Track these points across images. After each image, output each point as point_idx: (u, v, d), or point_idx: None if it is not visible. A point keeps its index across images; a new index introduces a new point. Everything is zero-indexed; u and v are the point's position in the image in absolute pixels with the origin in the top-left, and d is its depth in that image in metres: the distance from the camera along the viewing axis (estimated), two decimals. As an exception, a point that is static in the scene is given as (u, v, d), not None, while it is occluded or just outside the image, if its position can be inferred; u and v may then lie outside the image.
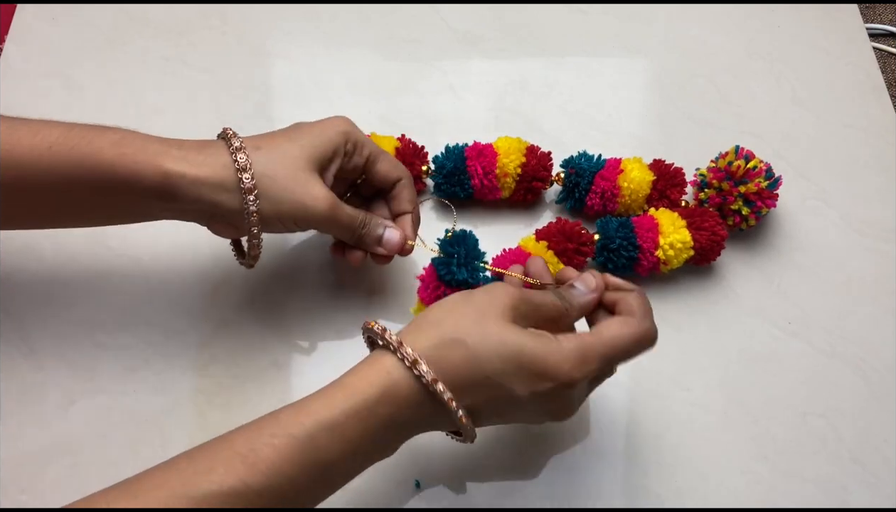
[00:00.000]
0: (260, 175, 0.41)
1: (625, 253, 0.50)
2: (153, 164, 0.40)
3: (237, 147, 0.41)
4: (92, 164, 0.39)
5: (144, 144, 0.40)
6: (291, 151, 0.42)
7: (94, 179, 0.40)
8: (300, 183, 0.42)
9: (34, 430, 0.47)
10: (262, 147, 0.42)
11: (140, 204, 0.42)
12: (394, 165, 0.47)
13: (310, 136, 0.43)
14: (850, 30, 0.66)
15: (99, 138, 0.40)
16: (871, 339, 0.52)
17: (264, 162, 0.41)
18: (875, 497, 0.47)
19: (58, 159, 0.39)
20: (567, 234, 0.50)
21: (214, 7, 0.65)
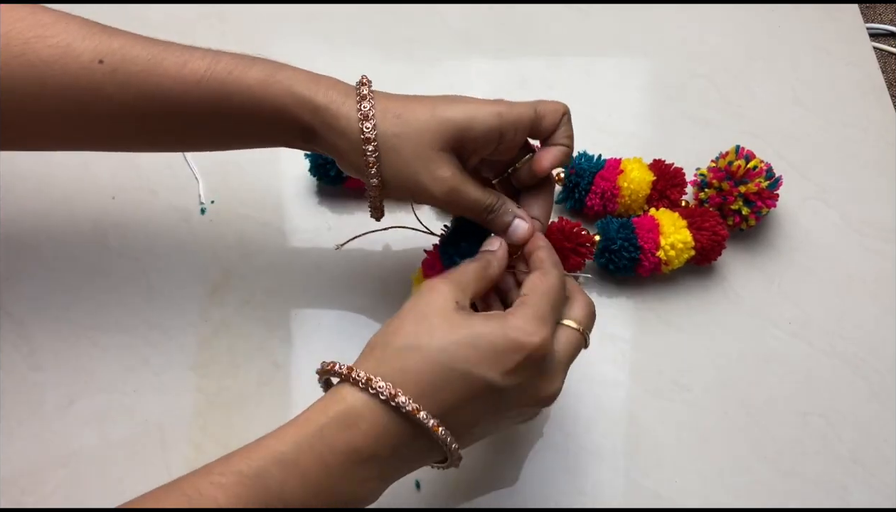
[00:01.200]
0: (385, 147, 0.39)
1: (626, 254, 0.50)
2: (298, 107, 0.39)
3: (365, 113, 0.39)
4: (240, 100, 0.39)
5: (291, 84, 0.39)
6: (427, 125, 0.39)
7: (239, 114, 0.40)
8: (423, 160, 0.39)
9: (34, 430, 0.47)
10: (402, 115, 0.39)
11: (279, 138, 0.42)
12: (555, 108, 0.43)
13: (454, 110, 0.40)
14: (850, 30, 0.66)
15: (247, 73, 0.39)
16: (871, 339, 0.52)
17: (393, 134, 0.39)
18: (875, 497, 0.47)
19: (205, 93, 0.39)
20: (566, 233, 0.50)
21: (214, 7, 0.65)
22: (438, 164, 0.39)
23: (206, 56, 0.39)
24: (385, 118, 0.39)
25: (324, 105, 0.39)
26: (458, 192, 0.40)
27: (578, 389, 0.49)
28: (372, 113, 0.39)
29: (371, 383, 0.33)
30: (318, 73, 0.41)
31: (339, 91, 0.40)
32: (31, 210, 0.54)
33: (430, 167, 0.39)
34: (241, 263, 0.53)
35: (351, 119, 0.39)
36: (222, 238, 0.54)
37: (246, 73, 0.39)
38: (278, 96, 0.39)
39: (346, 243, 0.51)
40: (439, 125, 0.39)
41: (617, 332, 0.52)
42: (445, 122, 0.39)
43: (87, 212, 0.54)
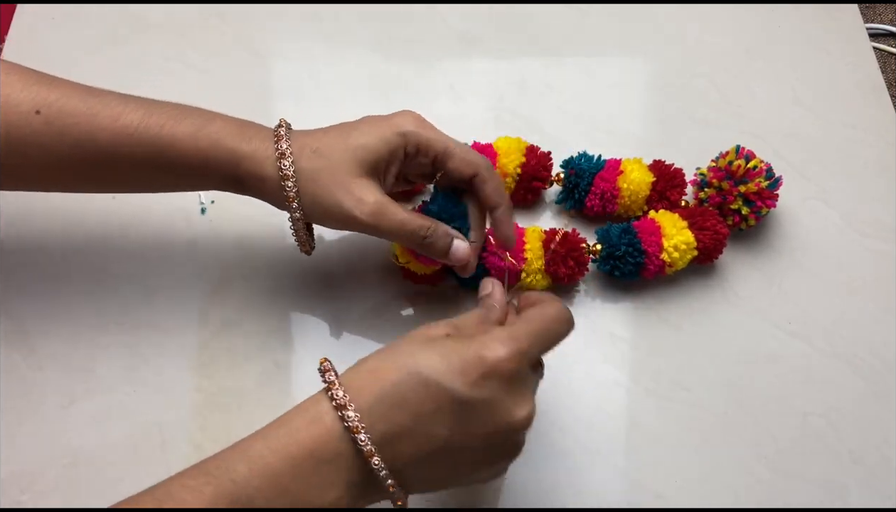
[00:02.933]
0: (304, 180, 0.41)
1: (631, 259, 0.50)
2: (225, 159, 0.42)
3: (282, 153, 0.41)
4: (171, 153, 0.41)
5: (219, 137, 0.42)
6: (342, 155, 0.42)
7: (171, 166, 0.42)
8: (344, 186, 0.41)
9: (34, 430, 0.47)
10: (318, 150, 0.42)
11: (212, 186, 0.44)
12: (467, 162, 0.43)
13: (366, 136, 0.42)
14: (850, 30, 0.66)
15: (177, 127, 0.41)
16: (871, 339, 0.52)
17: (311, 168, 0.41)
18: (875, 497, 0.47)
19: (138, 146, 0.41)
20: (569, 239, 0.50)
21: (214, 7, 0.65)
22: (360, 190, 0.42)
23: (140, 109, 0.41)
24: (302, 155, 0.42)
25: (248, 154, 0.42)
26: (383, 213, 0.42)
27: (578, 389, 0.49)
28: (289, 151, 0.41)
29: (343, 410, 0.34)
30: (245, 122, 0.44)
31: (261, 138, 0.42)
32: (31, 210, 0.54)
33: (353, 193, 0.41)
34: (241, 263, 0.53)
35: (271, 161, 0.41)
36: (222, 238, 0.54)
37: (176, 128, 0.41)
38: (207, 150, 0.42)
39: None
40: (354, 153, 0.42)
41: (617, 332, 0.52)
42: (359, 149, 0.42)
43: (87, 212, 0.54)
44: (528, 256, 0.49)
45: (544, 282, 0.50)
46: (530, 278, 0.50)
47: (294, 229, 0.44)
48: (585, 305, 0.52)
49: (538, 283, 0.50)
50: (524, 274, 0.50)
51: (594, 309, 0.52)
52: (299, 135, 0.43)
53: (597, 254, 0.51)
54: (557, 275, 0.50)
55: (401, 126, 0.42)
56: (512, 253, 0.49)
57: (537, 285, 0.50)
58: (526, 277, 0.50)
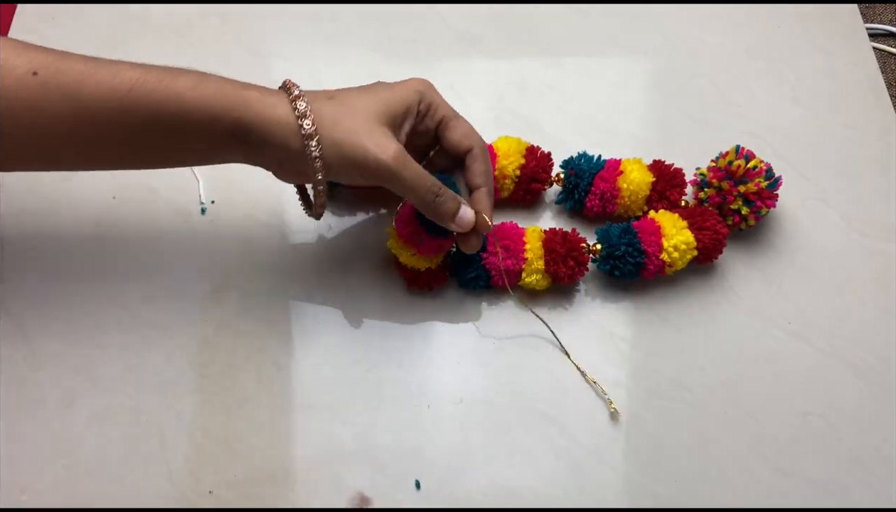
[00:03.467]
0: (322, 121, 0.41)
1: (630, 259, 0.50)
2: (229, 108, 0.40)
3: (296, 95, 0.41)
4: (171, 107, 0.40)
5: (220, 87, 0.41)
6: (362, 103, 0.42)
7: (171, 123, 0.40)
8: (366, 130, 0.41)
9: (34, 430, 0.47)
10: (335, 97, 0.42)
11: (213, 147, 0.42)
12: (465, 134, 0.46)
13: (385, 91, 0.44)
14: (850, 30, 0.66)
15: (176, 81, 0.40)
16: (871, 339, 0.52)
17: (330, 111, 0.41)
18: (875, 497, 0.47)
19: (137, 102, 0.40)
20: (568, 239, 0.50)
21: (214, 7, 0.65)
22: (380, 134, 0.41)
23: (136, 68, 0.41)
24: (318, 99, 0.42)
25: (257, 97, 0.41)
26: (406, 159, 0.42)
27: (578, 389, 0.49)
28: (302, 92, 0.41)
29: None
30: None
31: (268, 89, 0.42)
32: (31, 210, 0.54)
33: (373, 135, 0.41)
34: (241, 263, 0.53)
35: (284, 103, 0.41)
36: (222, 238, 0.54)
37: (175, 81, 0.40)
38: (210, 99, 0.40)
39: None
40: (375, 102, 0.42)
41: (617, 332, 0.52)
42: (379, 100, 0.42)
43: (87, 212, 0.54)
44: (528, 256, 0.49)
45: (544, 282, 0.50)
46: (531, 278, 0.50)
47: (313, 187, 0.43)
48: (585, 304, 0.52)
49: (538, 283, 0.50)
50: (524, 274, 0.50)
51: (594, 309, 0.52)
52: (309, 93, 0.42)
53: (597, 253, 0.51)
54: (557, 275, 0.50)
55: (415, 85, 0.45)
56: (510, 253, 0.50)
57: (537, 286, 0.50)
58: (526, 277, 0.50)
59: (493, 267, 0.50)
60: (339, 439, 0.47)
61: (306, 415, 0.48)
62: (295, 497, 0.46)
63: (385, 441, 0.47)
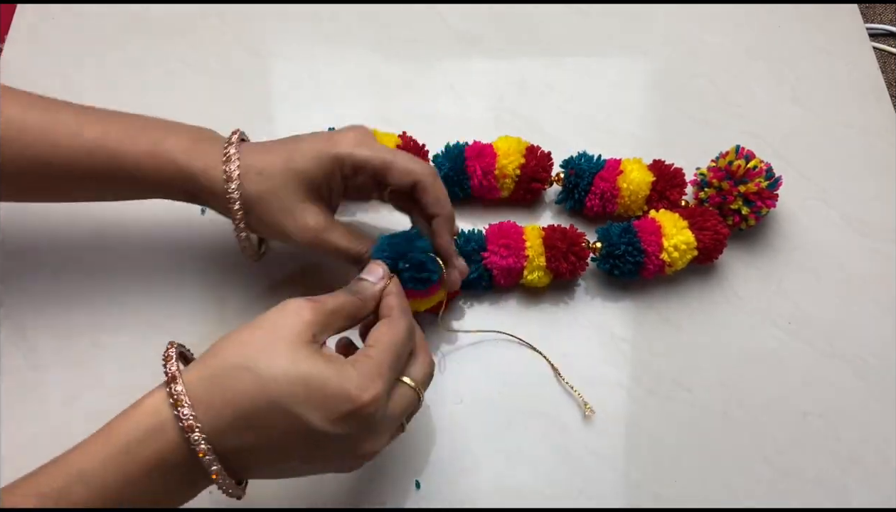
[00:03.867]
0: (249, 203, 0.43)
1: (630, 259, 0.50)
2: (179, 177, 0.43)
3: (228, 176, 0.42)
4: (129, 170, 0.43)
5: (174, 155, 0.42)
6: (284, 179, 0.42)
7: (129, 180, 0.43)
8: (288, 212, 0.43)
9: (34, 429, 0.47)
10: (263, 172, 0.42)
11: (172, 197, 0.45)
12: (405, 172, 0.43)
13: (305, 160, 0.43)
14: (850, 30, 0.66)
15: (135, 144, 0.42)
16: (871, 339, 0.52)
17: (256, 191, 0.42)
18: (875, 497, 0.47)
19: (97, 162, 0.42)
20: (568, 235, 0.50)
21: (214, 7, 0.65)
22: (302, 215, 0.43)
23: (98, 124, 0.43)
24: (248, 177, 0.42)
25: (200, 172, 0.42)
26: (323, 240, 0.44)
27: (578, 389, 0.49)
28: (235, 174, 0.42)
29: (178, 404, 0.34)
30: (200, 135, 0.44)
31: (213, 155, 0.43)
32: (32, 210, 0.54)
33: (294, 217, 0.43)
34: (241, 262, 0.53)
35: (220, 181, 0.42)
36: (222, 238, 0.54)
37: (133, 145, 0.42)
38: (162, 167, 0.43)
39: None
40: (295, 177, 0.42)
41: (617, 332, 0.52)
42: (299, 173, 0.42)
43: (87, 212, 0.54)
44: (529, 254, 0.49)
45: (546, 279, 0.50)
46: (533, 276, 0.50)
47: (238, 241, 0.45)
48: (585, 304, 0.52)
49: (540, 280, 0.50)
50: (526, 271, 0.50)
51: (594, 308, 0.52)
52: (248, 151, 0.43)
53: (596, 251, 0.51)
54: (559, 271, 0.50)
55: (336, 148, 0.43)
56: (511, 252, 0.50)
57: (539, 283, 0.50)
58: (528, 275, 0.50)
59: (494, 266, 0.50)
60: (339, 439, 0.47)
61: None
62: (294, 497, 0.46)
63: (385, 441, 0.47)
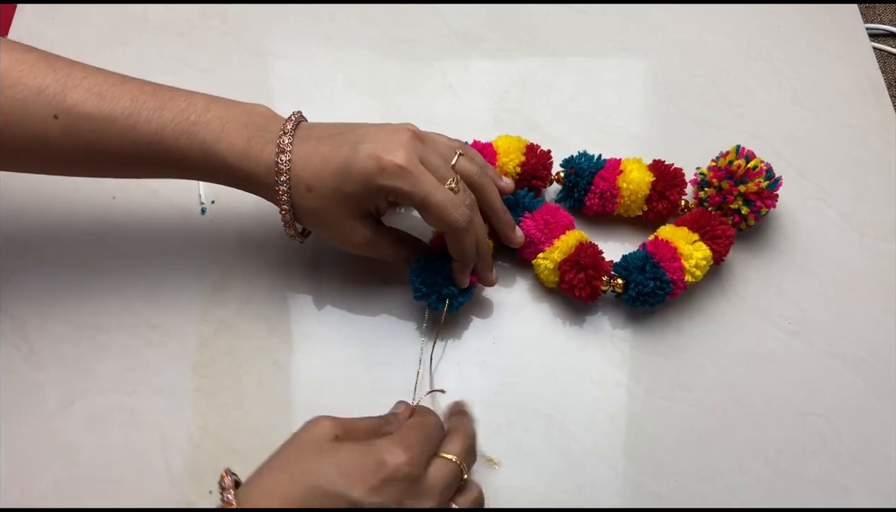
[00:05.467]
0: (301, 215, 0.45)
1: (660, 292, 0.49)
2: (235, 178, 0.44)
3: (280, 188, 0.44)
4: (182, 165, 0.44)
5: (226, 156, 0.43)
6: (333, 199, 0.44)
7: (181, 172, 0.45)
8: (337, 227, 0.45)
9: (34, 430, 0.47)
10: (312, 188, 0.43)
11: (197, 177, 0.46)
12: (438, 220, 0.44)
13: (353, 185, 0.43)
14: (850, 30, 0.66)
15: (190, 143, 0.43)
16: (871, 339, 0.52)
17: (306, 206, 0.44)
18: (875, 497, 0.47)
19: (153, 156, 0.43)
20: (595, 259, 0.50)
21: (214, 7, 0.65)
22: (351, 229, 0.45)
23: (153, 120, 0.43)
24: (298, 191, 0.44)
25: (253, 177, 0.44)
26: (373, 249, 0.47)
27: (578, 389, 0.49)
28: (285, 187, 0.43)
29: None
30: (253, 132, 0.44)
31: (266, 156, 0.43)
32: (31, 210, 0.54)
33: (344, 232, 0.46)
34: (241, 262, 0.53)
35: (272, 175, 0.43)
36: (222, 238, 0.54)
37: (189, 144, 0.43)
38: (216, 168, 0.44)
39: None
40: (343, 200, 0.44)
41: (617, 332, 0.52)
42: (348, 197, 0.44)
43: (87, 212, 0.54)
44: (556, 244, 0.50)
45: (553, 277, 0.50)
46: (543, 263, 0.50)
47: (284, 225, 0.46)
48: (585, 305, 0.52)
49: (546, 274, 0.50)
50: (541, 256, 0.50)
51: (594, 309, 0.52)
52: (300, 154, 0.44)
53: (617, 287, 0.50)
54: (563, 278, 0.49)
55: (381, 179, 0.42)
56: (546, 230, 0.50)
57: (544, 277, 0.50)
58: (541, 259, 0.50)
59: (524, 229, 0.51)
60: (339, 439, 0.47)
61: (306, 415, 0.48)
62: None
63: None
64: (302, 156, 0.43)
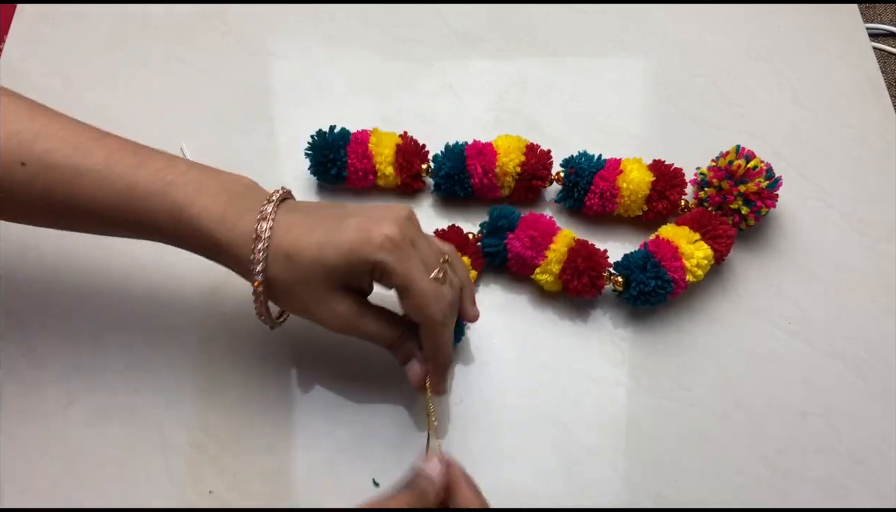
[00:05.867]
0: (277, 289, 0.41)
1: (661, 291, 0.49)
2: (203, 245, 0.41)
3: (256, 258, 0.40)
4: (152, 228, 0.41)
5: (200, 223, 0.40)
6: (313, 270, 0.40)
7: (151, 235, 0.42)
8: (317, 300, 0.41)
9: (34, 430, 0.47)
10: (291, 257, 0.40)
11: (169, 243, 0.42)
12: (417, 309, 0.41)
13: (337, 257, 0.39)
14: (850, 30, 0.66)
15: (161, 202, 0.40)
16: (871, 339, 0.52)
17: (283, 279, 0.40)
18: (875, 497, 0.47)
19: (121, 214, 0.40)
20: (593, 257, 0.50)
21: (214, 7, 0.65)
22: (331, 303, 0.41)
23: (125, 176, 0.40)
24: (276, 261, 0.40)
25: (226, 245, 0.40)
26: (355, 327, 0.42)
27: (578, 389, 0.49)
28: (262, 256, 0.40)
29: None
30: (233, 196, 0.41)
31: (244, 225, 0.40)
32: (31, 210, 0.54)
33: (323, 305, 0.41)
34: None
35: (248, 260, 0.40)
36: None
37: (159, 206, 0.40)
38: (188, 233, 0.40)
39: None
40: (325, 271, 0.40)
41: (617, 331, 0.52)
42: (329, 270, 0.40)
43: (87, 212, 0.54)
44: (549, 256, 0.49)
45: (555, 286, 0.50)
46: (542, 277, 0.50)
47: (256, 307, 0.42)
48: (585, 304, 0.52)
49: (548, 284, 0.50)
50: (538, 270, 0.50)
51: (594, 308, 0.52)
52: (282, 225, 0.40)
53: (618, 284, 0.50)
54: (568, 286, 0.50)
55: (374, 251, 0.39)
56: (533, 245, 0.50)
57: (547, 287, 0.50)
58: (539, 274, 0.50)
59: (512, 250, 0.50)
60: (339, 439, 0.47)
61: (306, 415, 0.48)
62: (295, 497, 0.46)
63: (385, 441, 0.47)
64: (284, 224, 0.40)
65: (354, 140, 0.54)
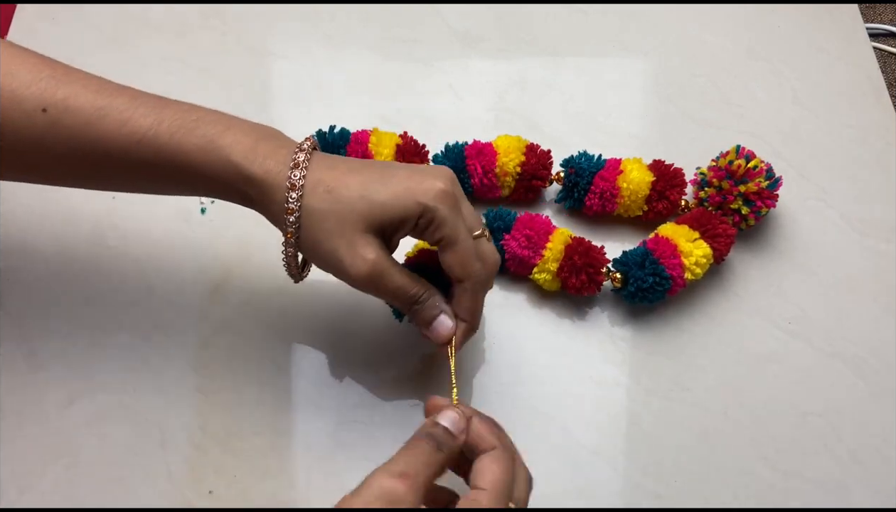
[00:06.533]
0: (308, 220, 0.39)
1: (659, 288, 0.49)
2: (235, 178, 0.39)
3: (293, 184, 0.39)
4: (179, 164, 0.39)
5: (230, 153, 0.39)
6: (354, 205, 0.39)
7: (179, 176, 0.40)
8: (347, 240, 0.39)
9: (34, 430, 0.47)
10: (333, 190, 0.39)
11: (219, 196, 0.42)
12: (460, 263, 0.40)
13: (387, 195, 0.39)
14: (850, 30, 0.66)
15: (188, 138, 0.39)
16: (871, 339, 0.52)
17: (319, 209, 0.39)
18: (875, 497, 0.47)
19: (145, 154, 0.39)
20: (590, 253, 0.50)
21: (214, 7, 0.65)
22: (362, 245, 0.39)
23: (150, 114, 0.39)
24: (314, 192, 0.39)
25: (259, 177, 0.39)
26: (381, 274, 0.40)
27: (578, 389, 0.49)
28: (301, 183, 0.39)
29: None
30: (263, 134, 0.40)
31: (277, 159, 0.39)
32: (31, 210, 0.54)
33: (354, 247, 0.39)
34: (241, 263, 0.53)
35: (282, 190, 0.39)
36: (222, 238, 0.54)
37: (186, 139, 0.39)
38: (216, 166, 0.39)
39: None
40: (368, 207, 0.39)
41: (617, 332, 0.52)
42: (374, 206, 0.39)
43: (87, 212, 0.54)
44: (546, 255, 0.49)
45: (554, 284, 0.50)
46: (541, 276, 0.50)
47: (285, 258, 0.42)
48: (585, 304, 0.52)
49: (546, 283, 0.50)
50: (536, 270, 0.50)
51: (594, 308, 0.52)
52: (321, 165, 0.40)
53: (616, 281, 0.50)
54: (567, 283, 0.50)
55: (425, 197, 0.39)
56: (530, 245, 0.50)
57: (546, 285, 0.50)
58: (537, 273, 0.50)
59: (509, 251, 0.50)
60: (339, 439, 0.47)
61: (306, 415, 0.48)
62: (295, 497, 0.46)
63: (385, 441, 0.47)
64: (322, 166, 0.40)
65: (354, 140, 0.54)
